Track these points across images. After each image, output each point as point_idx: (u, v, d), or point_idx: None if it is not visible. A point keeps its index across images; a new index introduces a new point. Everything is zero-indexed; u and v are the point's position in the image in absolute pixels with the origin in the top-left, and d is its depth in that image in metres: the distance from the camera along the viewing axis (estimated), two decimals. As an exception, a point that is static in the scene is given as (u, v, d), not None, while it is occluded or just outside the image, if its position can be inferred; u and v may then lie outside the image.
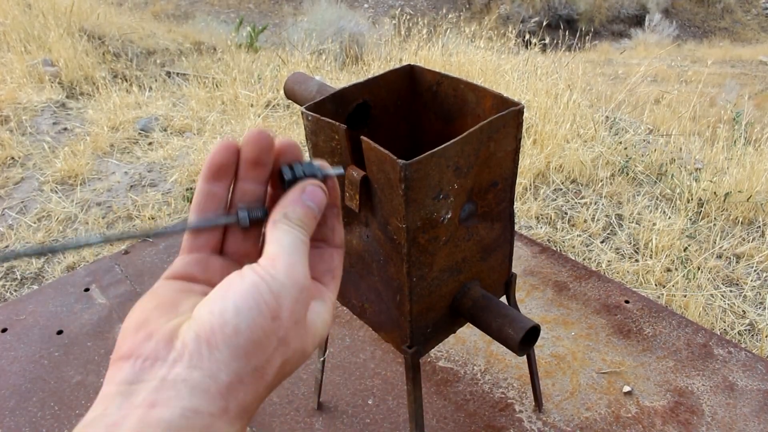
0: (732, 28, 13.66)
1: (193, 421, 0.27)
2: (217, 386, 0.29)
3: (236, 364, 0.30)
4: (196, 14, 10.90)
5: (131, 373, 0.29)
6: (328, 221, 0.41)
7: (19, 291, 2.12)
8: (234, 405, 0.29)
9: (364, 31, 6.58)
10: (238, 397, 0.30)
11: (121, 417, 0.27)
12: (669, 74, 7.13)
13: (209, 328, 0.30)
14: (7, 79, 3.73)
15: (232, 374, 0.29)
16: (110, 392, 0.29)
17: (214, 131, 3.22)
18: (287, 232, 0.35)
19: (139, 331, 0.31)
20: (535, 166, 2.73)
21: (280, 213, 0.36)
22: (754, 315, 1.97)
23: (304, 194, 0.37)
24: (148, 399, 0.28)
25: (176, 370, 0.29)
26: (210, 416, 0.28)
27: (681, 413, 1.47)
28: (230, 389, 0.29)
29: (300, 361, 0.35)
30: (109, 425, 0.27)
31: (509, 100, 0.95)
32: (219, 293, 0.32)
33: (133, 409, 0.27)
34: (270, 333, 0.31)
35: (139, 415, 0.27)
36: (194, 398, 0.28)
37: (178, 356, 0.29)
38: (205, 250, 0.39)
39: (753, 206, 2.49)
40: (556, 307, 1.82)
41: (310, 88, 1.16)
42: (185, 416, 0.27)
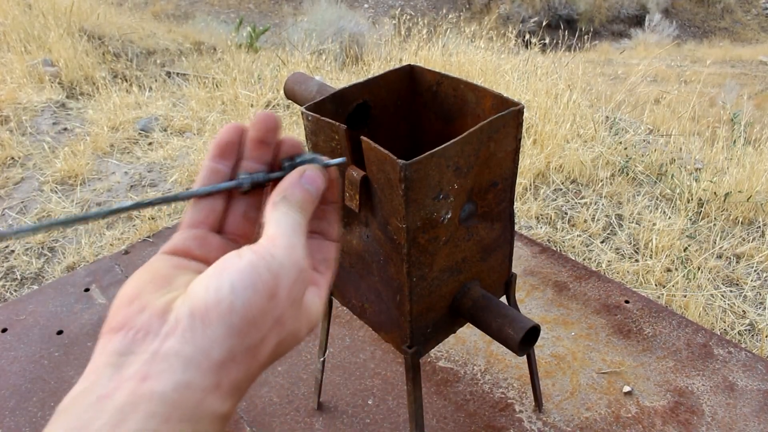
0: (732, 28, 13.66)
1: (185, 395, 0.27)
2: (209, 362, 0.29)
3: (230, 342, 0.29)
4: (196, 14, 10.90)
5: (123, 345, 0.29)
6: (327, 216, 0.41)
7: (19, 291, 2.12)
8: (226, 382, 0.29)
9: (364, 31, 6.58)
10: (230, 374, 0.29)
11: (111, 389, 0.27)
12: (669, 74, 7.13)
13: (204, 305, 0.30)
14: (7, 79, 3.73)
15: (226, 352, 0.29)
16: (100, 363, 0.29)
17: (214, 131, 3.22)
18: (286, 214, 0.35)
19: (132, 304, 0.31)
20: (535, 166, 2.73)
21: (280, 195, 0.36)
22: (754, 315, 1.97)
23: (302, 178, 0.38)
24: (140, 371, 0.27)
25: (169, 343, 0.28)
26: (202, 391, 0.28)
27: (681, 413, 1.47)
28: (223, 366, 0.29)
29: (293, 344, 0.35)
30: (100, 396, 0.27)
31: (509, 100, 0.95)
32: (215, 270, 0.31)
33: (125, 381, 0.27)
34: (266, 312, 0.31)
35: (130, 388, 0.27)
36: (187, 372, 0.28)
37: (171, 330, 0.29)
38: (204, 226, 0.39)
39: (753, 206, 2.49)
40: (556, 307, 1.82)
41: (310, 88, 1.16)
42: (177, 390, 0.27)
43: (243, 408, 1.53)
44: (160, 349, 0.28)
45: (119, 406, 0.26)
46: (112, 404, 0.26)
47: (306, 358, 1.67)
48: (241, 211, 0.41)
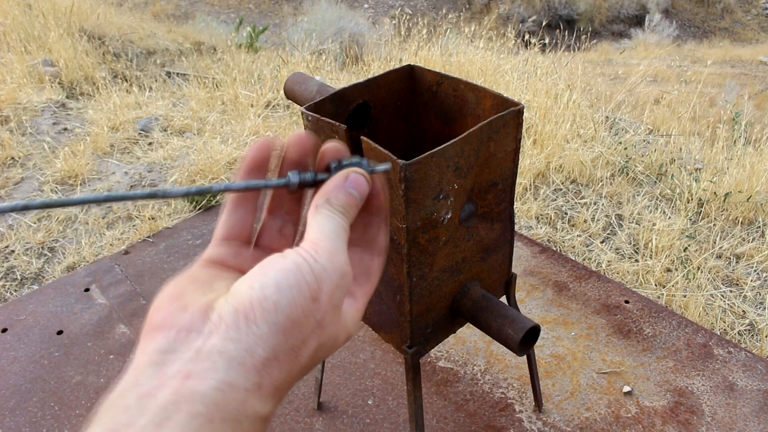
0: (732, 28, 13.66)
1: (227, 395, 0.27)
2: (252, 361, 0.28)
3: (274, 340, 0.29)
4: (196, 14, 10.90)
5: (165, 343, 0.29)
6: (373, 227, 0.40)
7: (19, 291, 2.12)
8: (268, 382, 0.29)
9: (364, 32, 6.58)
10: (272, 374, 0.29)
11: (154, 387, 0.27)
12: (669, 74, 7.13)
13: (248, 303, 0.30)
14: (7, 79, 3.73)
15: (269, 350, 0.29)
16: (143, 362, 0.28)
17: (214, 131, 3.23)
18: (330, 218, 0.35)
19: (174, 303, 0.31)
20: (535, 166, 2.73)
21: (323, 198, 0.36)
22: (754, 315, 1.97)
23: (347, 181, 0.37)
24: (183, 370, 0.27)
25: (212, 341, 0.28)
26: (245, 391, 0.28)
27: (681, 413, 1.47)
28: (266, 365, 0.29)
29: (331, 350, 0.35)
30: (142, 395, 0.27)
31: (509, 100, 0.95)
32: (260, 269, 0.31)
33: (168, 379, 0.27)
34: (309, 314, 0.31)
35: (173, 386, 0.27)
36: (230, 371, 0.28)
37: (214, 328, 0.29)
38: (237, 240, 0.39)
39: (753, 206, 2.49)
40: (556, 307, 1.82)
41: (310, 88, 1.16)
42: (220, 389, 0.27)
43: (243, 408, 1.52)
44: (203, 347, 0.28)
45: (162, 405, 0.26)
46: (155, 403, 0.26)
47: (306, 358, 1.67)
48: (278, 226, 0.41)
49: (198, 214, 2.42)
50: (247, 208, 0.40)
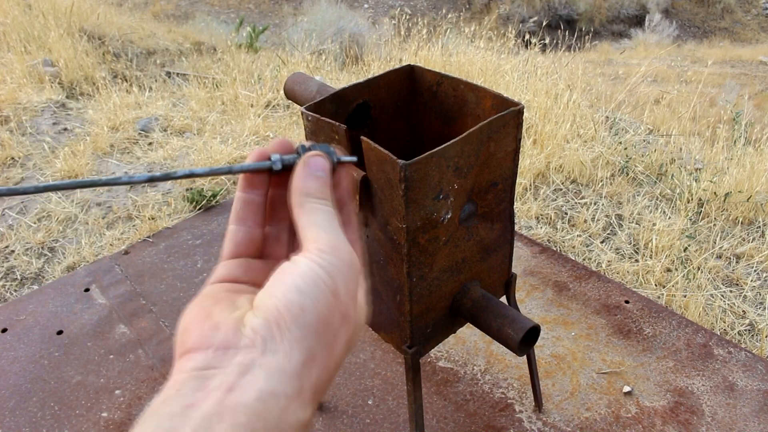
0: (732, 28, 13.66)
1: (270, 404, 0.28)
2: (292, 366, 0.29)
3: (308, 341, 0.30)
4: (196, 14, 10.90)
5: (204, 362, 0.29)
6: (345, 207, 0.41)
7: (19, 291, 2.12)
8: (308, 385, 0.30)
9: (364, 32, 6.58)
10: (311, 376, 0.30)
11: (198, 399, 0.27)
12: (669, 74, 7.13)
13: (276, 311, 0.30)
14: (7, 79, 3.73)
15: (306, 352, 0.30)
16: (183, 378, 0.29)
17: (214, 131, 3.23)
18: (316, 210, 0.36)
19: (204, 323, 0.32)
20: (535, 166, 2.73)
21: (299, 193, 0.37)
22: (754, 315, 1.97)
23: (309, 168, 0.38)
24: (226, 383, 0.28)
25: (251, 355, 0.29)
26: (286, 398, 0.28)
27: (681, 413, 1.47)
28: (304, 368, 0.30)
29: (356, 341, 0.35)
30: (186, 405, 0.27)
31: (509, 100, 0.95)
32: (276, 278, 0.32)
33: (211, 391, 0.28)
34: (334, 309, 0.32)
35: (216, 398, 0.27)
36: (271, 381, 0.28)
37: (251, 342, 0.29)
38: (244, 256, 0.40)
39: (753, 206, 2.49)
40: (556, 307, 1.82)
41: (310, 88, 1.16)
42: (262, 399, 0.28)
43: (243, 408, 1.52)
44: (243, 361, 0.29)
45: (205, 415, 0.27)
46: (198, 413, 0.27)
47: (306, 358, 1.67)
48: (275, 234, 0.42)
49: (198, 214, 2.42)
50: (251, 222, 0.40)
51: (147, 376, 1.65)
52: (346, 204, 0.41)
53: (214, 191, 2.50)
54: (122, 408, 1.55)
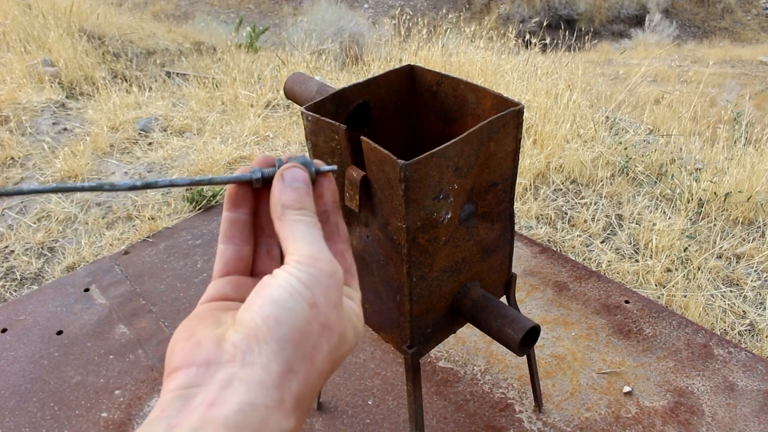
0: (732, 28, 13.66)
1: (250, 415, 0.28)
2: (270, 378, 0.29)
3: (285, 353, 0.30)
4: (196, 14, 10.90)
5: (187, 380, 0.30)
6: (331, 218, 0.41)
7: (19, 291, 2.12)
8: (288, 396, 0.30)
9: (364, 32, 6.58)
10: (291, 387, 0.30)
11: (181, 418, 0.28)
12: (669, 74, 7.13)
13: (254, 325, 0.31)
14: (7, 79, 3.73)
15: (283, 363, 0.30)
16: (167, 398, 0.29)
17: (214, 131, 3.22)
18: (295, 222, 0.36)
19: (187, 342, 0.32)
20: (535, 166, 2.73)
21: (277, 207, 0.37)
22: (754, 315, 1.97)
23: (285, 179, 0.38)
24: (207, 399, 0.28)
25: (231, 369, 0.30)
26: (266, 408, 0.29)
27: (681, 413, 1.47)
28: (283, 379, 0.30)
29: (346, 350, 0.35)
30: (169, 426, 0.28)
31: (509, 100, 0.95)
32: (255, 293, 0.33)
33: (193, 409, 0.28)
34: (311, 319, 0.32)
35: (198, 414, 0.28)
36: (250, 392, 0.29)
37: (231, 357, 0.30)
38: (235, 274, 0.40)
39: (753, 206, 2.49)
40: (556, 307, 1.82)
41: (310, 88, 1.16)
42: (242, 411, 0.28)
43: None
44: (224, 377, 0.29)
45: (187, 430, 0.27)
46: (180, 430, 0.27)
47: (306, 358, 1.67)
48: (265, 250, 0.42)
49: (198, 214, 2.42)
50: (239, 240, 0.41)
51: (147, 376, 1.65)
52: (331, 214, 0.41)
53: (214, 191, 2.50)
54: (122, 408, 1.55)
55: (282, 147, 3.06)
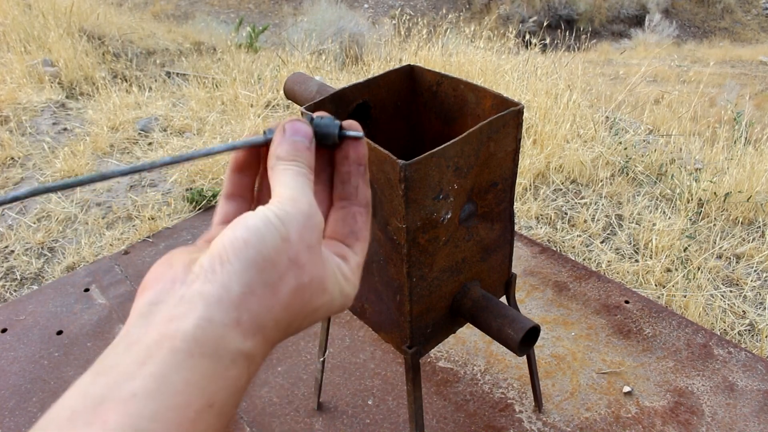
0: (732, 28, 13.66)
1: (207, 331, 0.29)
2: (229, 296, 0.30)
3: (247, 275, 0.31)
4: (196, 14, 10.90)
5: (153, 296, 0.31)
6: (352, 179, 0.41)
7: (19, 291, 2.12)
8: (246, 317, 0.30)
9: (364, 32, 6.58)
10: (250, 309, 0.30)
11: (141, 334, 0.29)
12: (669, 74, 7.13)
13: (221, 246, 0.32)
14: (7, 79, 3.72)
15: (244, 285, 0.30)
16: (133, 317, 0.31)
17: (214, 131, 3.22)
18: (284, 171, 0.36)
19: (162, 265, 0.33)
20: (535, 166, 2.73)
21: (272, 157, 0.37)
22: (754, 315, 1.97)
23: (286, 132, 0.38)
24: (167, 315, 0.29)
25: (194, 287, 0.30)
26: (223, 326, 0.29)
27: (681, 413, 1.47)
28: (242, 300, 0.30)
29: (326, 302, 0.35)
30: (130, 343, 0.28)
31: (509, 100, 0.95)
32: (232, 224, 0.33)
33: (153, 326, 0.29)
34: (280, 251, 0.32)
35: (157, 330, 0.29)
36: (209, 309, 0.29)
37: (195, 277, 0.31)
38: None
39: (753, 206, 2.49)
40: (556, 307, 1.82)
41: (310, 88, 1.16)
42: (200, 326, 0.29)
43: (243, 408, 1.52)
44: (185, 294, 0.30)
45: (146, 345, 0.28)
46: (138, 346, 0.28)
47: (306, 358, 1.67)
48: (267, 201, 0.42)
49: (198, 214, 2.42)
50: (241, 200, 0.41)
51: (147, 376, 1.65)
52: (353, 176, 0.41)
53: (214, 191, 2.50)
54: (122, 408, 1.55)
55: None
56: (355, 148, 0.41)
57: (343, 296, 0.37)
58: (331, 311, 0.37)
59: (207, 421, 0.28)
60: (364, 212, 0.41)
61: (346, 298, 0.38)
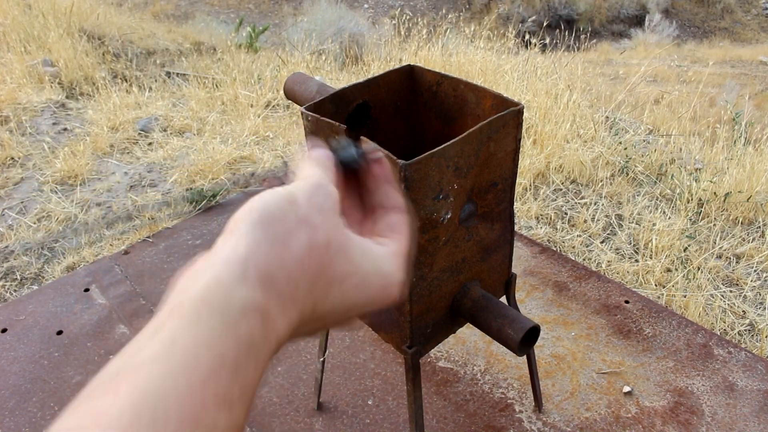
0: (732, 29, 13.66)
1: (212, 290, 0.29)
2: (235, 255, 0.31)
3: (252, 234, 0.32)
4: (196, 14, 10.90)
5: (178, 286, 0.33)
6: (381, 188, 0.43)
7: (19, 291, 2.12)
8: (253, 271, 0.31)
9: (364, 32, 6.58)
10: (257, 263, 0.31)
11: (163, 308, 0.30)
12: (669, 74, 7.13)
13: (232, 220, 0.33)
14: (7, 79, 3.73)
15: (250, 242, 0.32)
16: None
17: (213, 131, 3.22)
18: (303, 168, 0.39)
19: None
20: (535, 166, 2.73)
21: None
22: (754, 315, 1.97)
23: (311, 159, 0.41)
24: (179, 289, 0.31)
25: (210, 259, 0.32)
26: (229, 282, 0.30)
27: (681, 413, 1.47)
28: (248, 255, 0.31)
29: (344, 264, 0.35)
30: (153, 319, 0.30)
31: (509, 100, 0.95)
32: None
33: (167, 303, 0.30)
34: (286, 211, 0.33)
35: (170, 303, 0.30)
36: (215, 270, 0.30)
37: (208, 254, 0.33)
38: None
39: (753, 206, 2.49)
40: (556, 307, 1.82)
41: (310, 88, 1.16)
42: (207, 287, 0.30)
43: (243, 408, 1.52)
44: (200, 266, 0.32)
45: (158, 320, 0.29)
46: (153, 322, 0.29)
47: (306, 358, 1.67)
48: None
49: (198, 214, 2.42)
50: None
51: (147, 376, 1.65)
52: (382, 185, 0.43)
53: (214, 191, 2.50)
54: (122, 408, 1.55)
55: (282, 147, 3.06)
56: (379, 165, 0.43)
57: (381, 275, 0.37)
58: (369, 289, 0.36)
59: (220, 379, 0.27)
60: (398, 212, 0.42)
61: (386, 279, 0.37)
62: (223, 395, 0.27)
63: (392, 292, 0.37)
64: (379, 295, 0.36)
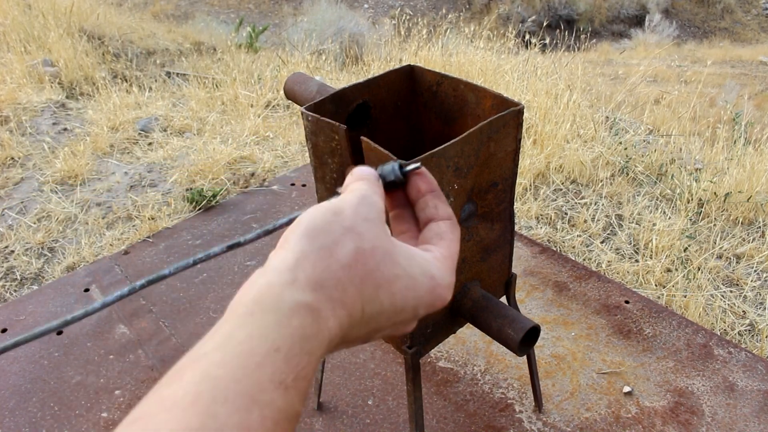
0: (732, 29, 13.66)
1: (264, 292, 0.33)
2: (285, 264, 0.34)
3: (300, 245, 0.35)
4: (196, 14, 10.90)
5: None
6: (430, 202, 0.45)
7: (19, 291, 2.12)
8: (302, 276, 0.34)
9: (364, 32, 6.58)
10: (305, 269, 0.34)
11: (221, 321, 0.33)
12: (669, 74, 7.13)
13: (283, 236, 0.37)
14: (7, 79, 3.72)
15: (298, 253, 0.35)
16: None
17: (214, 131, 3.22)
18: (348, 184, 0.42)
19: None
20: (535, 166, 2.73)
21: None
22: (754, 315, 1.97)
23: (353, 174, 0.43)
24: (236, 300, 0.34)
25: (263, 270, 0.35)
26: (280, 286, 0.33)
27: (681, 413, 1.47)
28: (296, 263, 0.34)
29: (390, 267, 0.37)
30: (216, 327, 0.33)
31: (509, 100, 0.95)
32: None
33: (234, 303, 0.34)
34: (332, 222, 0.36)
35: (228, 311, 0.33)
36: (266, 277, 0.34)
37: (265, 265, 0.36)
38: None
39: (753, 206, 2.49)
40: (556, 307, 1.82)
41: (310, 88, 1.16)
42: (260, 291, 0.33)
43: (243, 408, 1.52)
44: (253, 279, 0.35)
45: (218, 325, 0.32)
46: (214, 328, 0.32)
47: (306, 358, 1.67)
48: None
49: (198, 214, 2.42)
50: None
51: (147, 377, 1.65)
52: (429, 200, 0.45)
53: (214, 191, 2.50)
54: (122, 408, 1.55)
55: (282, 147, 3.06)
56: (423, 180, 0.45)
57: (428, 277, 0.38)
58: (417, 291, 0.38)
59: (274, 364, 0.30)
60: (447, 222, 0.44)
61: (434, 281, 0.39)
62: (279, 378, 0.30)
63: (441, 293, 0.39)
64: (428, 296, 0.38)
